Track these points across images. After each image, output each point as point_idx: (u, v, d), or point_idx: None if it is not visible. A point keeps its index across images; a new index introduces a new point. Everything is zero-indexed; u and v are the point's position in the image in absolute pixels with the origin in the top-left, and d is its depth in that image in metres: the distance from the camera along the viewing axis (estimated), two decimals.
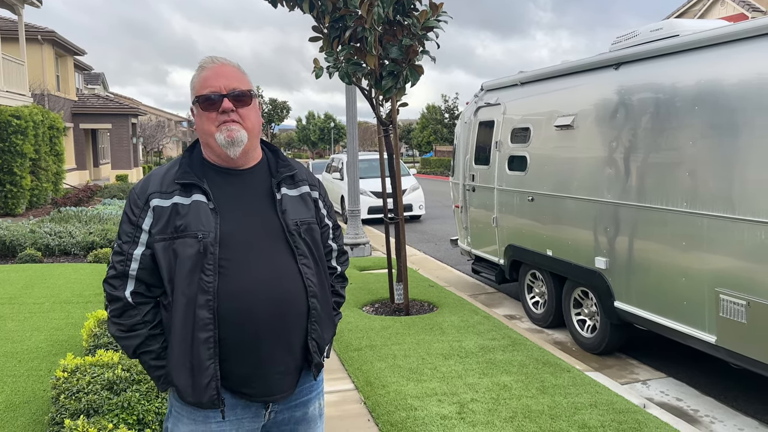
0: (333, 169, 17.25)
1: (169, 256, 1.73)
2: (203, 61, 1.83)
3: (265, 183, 1.86)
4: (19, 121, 14.68)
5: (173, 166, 1.83)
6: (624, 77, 5.03)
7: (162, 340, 1.80)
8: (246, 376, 1.76)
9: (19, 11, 18.02)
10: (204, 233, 1.71)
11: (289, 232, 1.81)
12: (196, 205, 1.74)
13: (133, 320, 1.77)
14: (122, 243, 1.77)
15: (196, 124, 1.82)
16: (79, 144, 27.33)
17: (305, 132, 72.02)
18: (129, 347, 1.80)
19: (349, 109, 9.72)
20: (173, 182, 1.78)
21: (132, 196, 1.79)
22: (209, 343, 1.70)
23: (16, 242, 9.38)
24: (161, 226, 1.74)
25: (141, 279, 1.76)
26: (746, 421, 4.19)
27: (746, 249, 3.86)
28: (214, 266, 1.70)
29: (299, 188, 1.91)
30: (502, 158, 6.73)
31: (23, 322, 5.70)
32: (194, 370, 1.72)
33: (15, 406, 3.87)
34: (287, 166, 1.91)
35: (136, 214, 1.77)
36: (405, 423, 3.81)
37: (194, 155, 1.86)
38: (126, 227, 1.78)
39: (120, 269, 1.77)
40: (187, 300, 1.71)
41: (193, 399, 1.74)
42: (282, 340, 1.78)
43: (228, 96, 1.77)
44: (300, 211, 1.87)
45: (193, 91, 1.80)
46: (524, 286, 6.67)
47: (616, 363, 5.30)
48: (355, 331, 5.67)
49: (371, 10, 5.25)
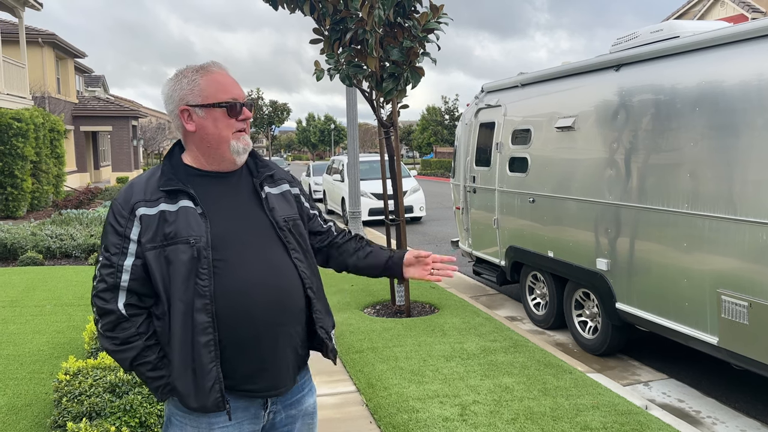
0: (333, 170, 17.24)
1: (161, 263, 1.71)
2: (206, 64, 1.82)
3: (248, 184, 1.89)
4: (20, 123, 14.69)
5: (154, 173, 1.81)
6: (624, 79, 5.03)
7: (158, 350, 1.77)
8: (249, 373, 1.77)
9: (19, 14, 18.05)
10: (195, 238, 1.71)
11: (280, 228, 1.84)
12: (184, 211, 1.74)
13: (127, 333, 1.73)
14: (110, 255, 1.73)
15: (207, 128, 1.78)
16: (80, 146, 27.35)
17: (305, 134, 72.04)
18: (125, 360, 1.76)
19: (350, 111, 9.71)
20: (157, 189, 1.75)
21: (115, 206, 1.76)
22: (210, 346, 1.70)
23: (17, 245, 9.39)
24: (150, 234, 1.71)
25: (133, 290, 1.73)
26: (748, 422, 4.18)
27: (748, 250, 3.86)
28: (209, 270, 1.70)
29: (280, 186, 1.95)
30: (503, 160, 6.73)
31: (25, 325, 5.71)
32: (197, 374, 1.72)
33: (17, 409, 3.87)
34: (266, 166, 1.95)
35: (122, 224, 1.74)
36: (407, 425, 3.81)
37: (174, 161, 1.84)
38: (113, 239, 1.74)
39: (111, 282, 1.73)
40: (185, 306, 1.70)
41: (197, 404, 1.73)
42: (283, 335, 1.80)
43: (247, 105, 1.83)
44: (285, 209, 1.91)
45: (207, 95, 1.77)
46: (525, 287, 6.67)
47: (617, 364, 5.29)
48: (357, 333, 5.67)
49: (372, 13, 5.25)
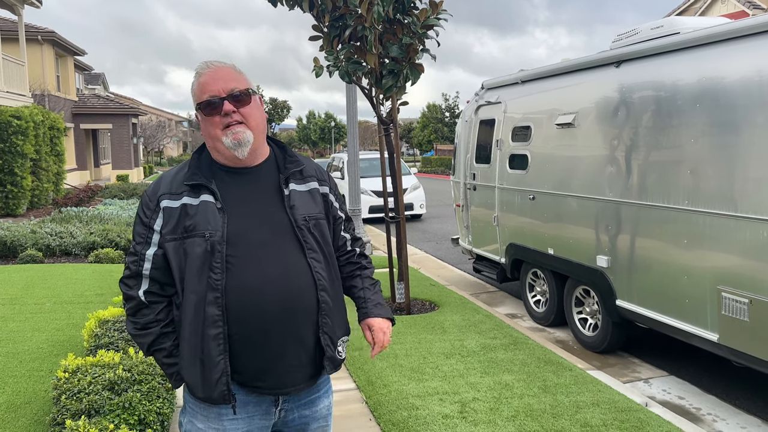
0: (334, 168, 17.26)
1: (179, 255, 1.78)
2: (199, 68, 1.85)
3: (274, 179, 1.88)
4: (20, 121, 14.68)
5: (183, 168, 1.87)
6: (625, 75, 5.01)
7: (174, 338, 1.84)
8: (258, 370, 1.79)
9: (19, 11, 18.02)
10: (211, 232, 1.75)
11: (298, 227, 1.83)
12: (204, 205, 1.78)
13: (146, 318, 1.83)
14: (136, 244, 1.83)
15: (203, 130, 1.85)
16: (80, 144, 27.35)
17: (306, 131, 72.03)
18: (143, 344, 1.85)
19: (350, 108, 9.70)
20: (182, 183, 1.82)
21: (144, 198, 1.85)
22: (219, 339, 1.74)
23: (17, 243, 9.38)
24: (171, 226, 1.79)
25: (154, 278, 1.82)
26: (749, 419, 4.18)
27: (748, 247, 3.84)
28: (222, 264, 1.74)
29: (308, 183, 1.93)
30: (503, 157, 6.72)
31: (24, 323, 5.70)
32: (205, 365, 1.76)
33: (16, 406, 3.86)
34: (295, 161, 1.93)
35: (147, 215, 1.82)
36: (407, 422, 3.80)
37: (203, 157, 1.90)
38: (139, 228, 1.83)
39: (134, 269, 1.82)
40: (196, 297, 1.75)
41: (204, 394, 1.78)
42: (292, 335, 1.80)
43: (228, 98, 1.79)
44: (308, 207, 1.88)
45: (195, 99, 1.83)
46: (526, 284, 6.66)
47: (618, 361, 5.29)
48: (357, 330, 5.64)
49: (371, 9, 5.23)
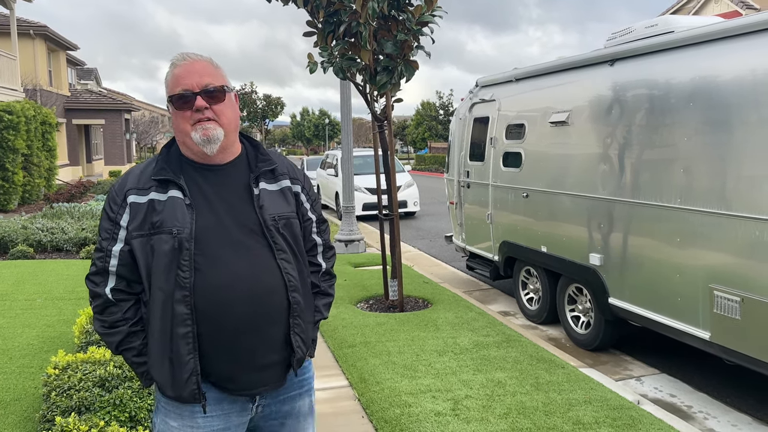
0: (327, 165, 17.21)
1: (146, 252, 1.73)
2: (175, 59, 1.80)
3: (244, 178, 1.84)
4: (11, 116, 14.57)
5: (151, 163, 1.82)
6: (619, 73, 5.02)
7: (143, 336, 1.79)
8: (228, 371, 1.75)
9: (10, 5, 17.90)
10: (179, 229, 1.71)
11: (267, 227, 1.79)
12: (172, 201, 1.74)
13: (113, 317, 1.78)
14: (102, 240, 1.78)
15: (173, 123, 1.80)
16: (72, 140, 27.17)
17: (299, 128, 71.88)
18: (112, 344, 1.81)
19: (344, 105, 9.68)
20: (150, 179, 1.77)
21: (111, 193, 1.80)
22: (188, 338, 1.70)
23: (8, 238, 9.32)
24: (138, 222, 1.74)
25: (121, 275, 1.77)
26: (740, 417, 4.20)
27: (740, 245, 3.86)
28: (190, 262, 1.70)
29: (279, 182, 1.88)
30: (496, 154, 6.72)
31: (14, 319, 5.67)
32: (174, 364, 1.72)
33: (5, 403, 3.84)
34: (267, 160, 1.88)
35: (114, 210, 1.77)
36: (399, 419, 3.80)
37: (172, 152, 1.84)
38: (105, 224, 1.78)
39: (100, 266, 1.77)
40: (164, 295, 1.71)
41: (174, 393, 1.74)
42: (262, 335, 1.76)
43: (201, 93, 1.74)
44: (279, 206, 1.84)
45: (167, 91, 1.78)
46: (519, 282, 6.67)
47: (610, 359, 5.30)
48: (350, 327, 5.65)
49: (366, 5, 5.22)
